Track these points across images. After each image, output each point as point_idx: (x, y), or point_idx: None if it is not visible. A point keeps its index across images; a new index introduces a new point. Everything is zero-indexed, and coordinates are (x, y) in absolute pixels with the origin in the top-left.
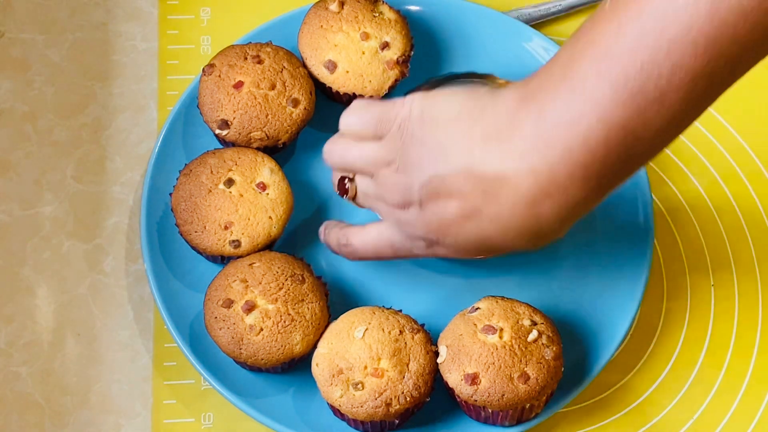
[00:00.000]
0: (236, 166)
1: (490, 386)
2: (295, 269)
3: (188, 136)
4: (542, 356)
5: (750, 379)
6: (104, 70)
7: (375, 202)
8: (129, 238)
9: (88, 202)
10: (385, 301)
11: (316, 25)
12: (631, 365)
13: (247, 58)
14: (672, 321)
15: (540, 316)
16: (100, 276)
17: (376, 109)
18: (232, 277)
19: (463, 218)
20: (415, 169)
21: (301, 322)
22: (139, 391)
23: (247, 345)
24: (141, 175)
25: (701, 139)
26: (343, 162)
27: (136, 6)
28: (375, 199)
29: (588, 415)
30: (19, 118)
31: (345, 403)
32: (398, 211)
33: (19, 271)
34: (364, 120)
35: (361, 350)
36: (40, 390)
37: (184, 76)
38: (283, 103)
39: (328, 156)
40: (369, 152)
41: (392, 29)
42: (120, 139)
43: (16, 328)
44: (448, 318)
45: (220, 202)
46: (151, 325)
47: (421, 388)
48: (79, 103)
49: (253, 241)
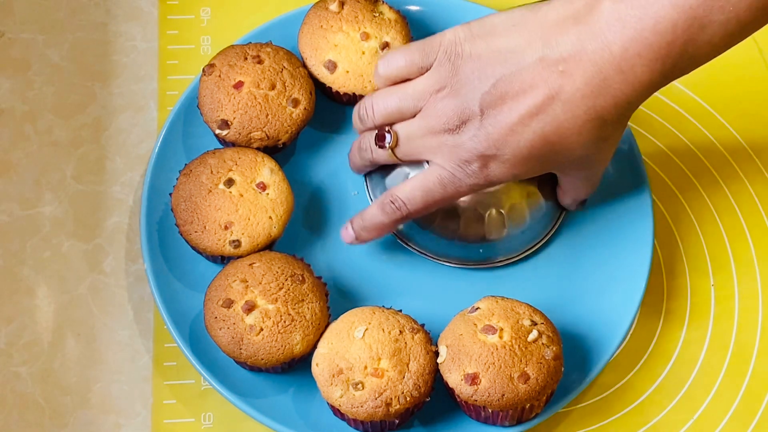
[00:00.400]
0: (236, 166)
1: (490, 386)
2: (295, 269)
3: (188, 136)
4: (542, 356)
5: (750, 379)
6: (104, 70)
7: (421, 139)
8: (129, 238)
9: (88, 202)
10: (385, 301)
11: (316, 25)
12: (631, 365)
13: (247, 58)
14: (672, 321)
15: (540, 316)
16: (100, 276)
17: (415, 46)
18: (232, 277)
19: (530, 116)
20: (473, 83)
21: (301, 322)
22: (139, 391)
23: (247, 345)
24: (141, 175)
25: (702, 138)
26: (386, 108)
27: (136, 6)
28: (422, 136)
29: (588, 415)
30: (19, 118)
31: (345, 403)
32: (450, 136)
33: (19, 271)
34: (407, 56)
35: (361, 350)
36: (40, 390)
37: (184, 76)
38: (283, 103)
39: (367, 109)
40: (415, 87)
41: (392, 29)
42: (120, 139)
43: (16, 328)
44: (448, 318)
45: (220, 202)
46: (151, 325)
47: (421, 388)
48: (79, 103)
49: (253, 241)
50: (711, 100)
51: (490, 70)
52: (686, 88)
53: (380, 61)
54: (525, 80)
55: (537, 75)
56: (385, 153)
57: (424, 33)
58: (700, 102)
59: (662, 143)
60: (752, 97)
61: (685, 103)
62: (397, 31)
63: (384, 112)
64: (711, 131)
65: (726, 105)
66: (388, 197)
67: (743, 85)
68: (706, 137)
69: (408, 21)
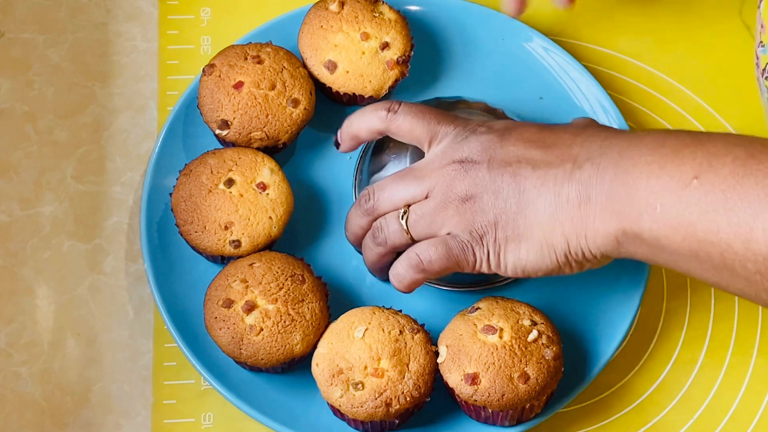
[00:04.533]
0: (236, 166)
1: (490, 386)
2: (295, 269)
3: (188, 136)
4: (542, 356)
5: (750, 379)
6: (104, 70)
7: (436, 214)
8: (129, 238)
9: (88, 202)
10: (385, 301)
11: (316, 25)
12: (631, 365)
13: (247, 58)
14: (672, 321)
15: (540, 316)
16: (100, 276)
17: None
18: (232, 277)
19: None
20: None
21: (301, 322)
22: (139, 391)
23: (247, 345)
24: (141, 175)
25: None
26: (395, 201)
27: (136, 6)
28: (437, 211)
29: (588, 415)
30: (19, 118)
31: (345, 403)
32: (464, 204)
33: (19, 271)
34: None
35: (361, 350)
36: (40, 390)
37: (184, 76)
38: (283, 103)
39: (377, 204)
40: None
41: (392, 29)
42: (120, 139)
43: (16, 328)
44: (448, 318)
45: (220, 202)
46: (151, 325)
47: (421, 388)
48: (79, 103)
49: (253, 241)
50: (711, 100)
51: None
52: (686, 88)
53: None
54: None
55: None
56: (403, 233)
57: (424, 33)
58: (700, 102)
59: None
60: (752, 97)
61: (685, 103)
62: (397, 31)
63: (393, 204)
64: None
65: (726, 105)
66: (414, 258)
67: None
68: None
69: (408, 21)
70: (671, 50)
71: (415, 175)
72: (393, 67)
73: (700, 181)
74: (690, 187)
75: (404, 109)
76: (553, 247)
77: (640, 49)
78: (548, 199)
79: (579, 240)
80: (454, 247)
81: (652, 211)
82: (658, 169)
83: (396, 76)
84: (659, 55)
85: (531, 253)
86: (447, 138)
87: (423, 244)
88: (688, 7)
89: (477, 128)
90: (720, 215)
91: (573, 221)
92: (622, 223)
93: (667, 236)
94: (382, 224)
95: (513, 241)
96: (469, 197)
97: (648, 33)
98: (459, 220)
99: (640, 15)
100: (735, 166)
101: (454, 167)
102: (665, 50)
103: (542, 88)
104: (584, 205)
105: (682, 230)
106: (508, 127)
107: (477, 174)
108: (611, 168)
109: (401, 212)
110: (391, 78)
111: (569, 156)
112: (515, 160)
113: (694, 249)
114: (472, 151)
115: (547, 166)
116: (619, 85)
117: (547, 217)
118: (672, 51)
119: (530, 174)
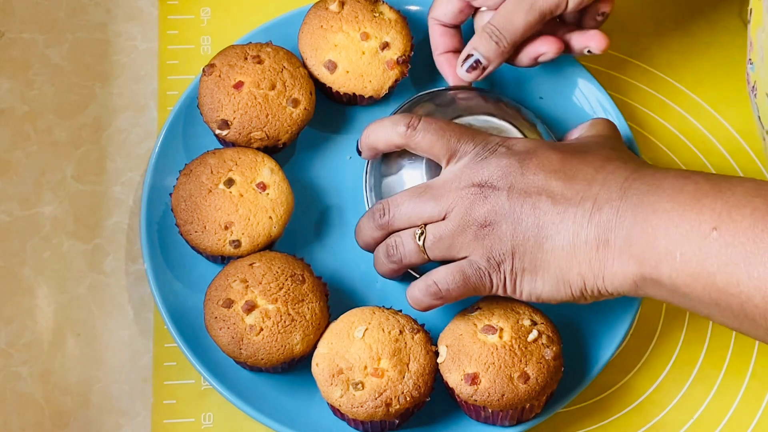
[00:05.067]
0: (236, 166)
1: (490, 386)
2: (295, 269)
3: (188, 136)
4: (542, 356)
5: (750, 379)
6: (104, 70)
7: (454, 238)
8: (129, 238)
9: (88, 202)
10: (385, 301)
11: (316, 25)
12: (631, 365)
13: (247, 58)
14: (672, 321)
15: (540, 316)
16: (100, 276)
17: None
18: (232, 277)
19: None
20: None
21: (301, 322)
22: (139, 391)
23: (247, 345)
24: (141, 175)
25: (702, 138)
26: (412, 218)
27: (136, 6)
28: (455, 234)
29: (588, 415)
30: (19, 118)
31: (345, 403)
32: (482, 229)
33: (19, 271)
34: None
35: (361, 350)
36: (40, 390)
37: (184, 76)
38: (283, 103)
39: (392, 220)
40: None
41: (392, 29)
42: (120, 139)
43: (16, 328)
44: (448, 318)
45: (220, 202)
46: (151, 325)
47: (421, 388)
48: (79, 103)
49: (253, 241)
50: (711, 100)
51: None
52: (686, 88)
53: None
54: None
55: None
56: (419, 253)
57: (424, 33)
58: (700, 102)
59: (662, 143)
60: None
61: (685, 103)
62: (397, 31)
63: (413, 220)
64: (711, 131)
65: (726, 105)
66: (432, 284)
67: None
68: (707, 137)
69: (408, 21)
70: (671, 50)
71: (432, 194)
72: (393, 67)
73: (720, 232)
74: (709, 238)
75: (424, 125)
76: (569, 283)
77: (640, 49)
78: (567, 237)
79: (596, 281)
80: (472, 275)
81: (671, 259)
82: (677, 218)
83: (396, 76)
84: (659, 55)
85: (547, 285)
86: (466, 157)
87: (441, 273)
88: (688, 7)
89: (497, 148)
90: (740, 268)
91: (590, 263)
92: (642, 268)
93: (687, 284)
94: (397, 242)
95: (529, 272)
96: (487, 223)
97: (648, 33)
98: (477, 246)
99: (640, 15)
100: (755, 218)
101: (473, 191)
102: (665, 50)
103: (542, 88)
104: (602, 247)
105: (702, 280)
106: (529, 151)
107: (497, 201)
108: (631, 213)
109: (418, 232)
110: (391, 78)
111: (589, 195)
112: (535, 191)
113: (714, 298)
114: (492, 175)
115: (567, 202)
116: (619, 85)
117: (565, 255)
118: (672, 51)
119: (550, 209)
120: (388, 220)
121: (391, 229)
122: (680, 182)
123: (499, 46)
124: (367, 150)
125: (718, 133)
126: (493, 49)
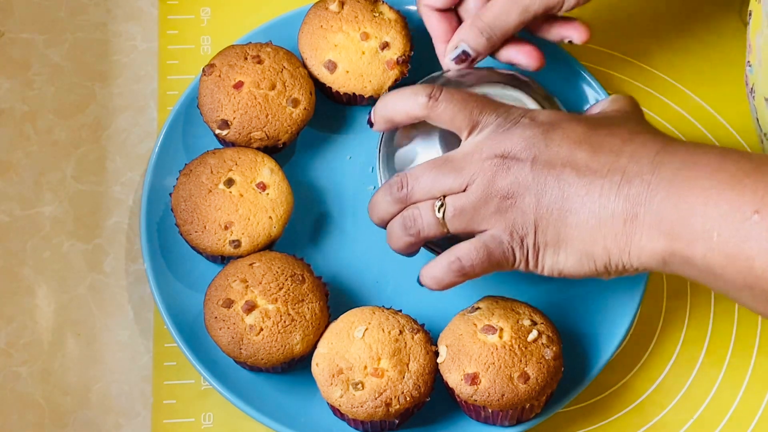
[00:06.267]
0: (236, 166)
1: (490, 386)
2: (295, 269)
3: (188, 136)
4: (542, 356)
5: (750, 379)
6: (104, 70)
7: (476, 210)
8: (129, 238)
9: (88, 202)
10: (385, 301)
11: (316, 25)
12: (631, 365)
13: (247, 58)
14: (672, 321)
15: (540, 316)
16: (100, 276)
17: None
18: (232, 277)
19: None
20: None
21: (301, 322)
22: (139, 391)
23: (247, 345)
24: (141, 175)
25: (701, 138)
26: (432, 191)
27: (136, 6)
28: (477, 206)
29: (588, 415)
30: (19, 118)
31: (345, 403)
32: (505, 201)
33: (19, 271)
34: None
35: (361, 350)
36: (40, 390)
37: (184, 76)
38: (283, 103)
39: (411, 192)
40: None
41: (392, 29)
42: (120, 139)
43: (16, 328)
44: (448, 318)
45: (220, 202)
46: (151, 325)
47: (421, 388)
48: (79, 103)
49: (253, 241)
50: (711, 100)
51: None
52: (686, 88)
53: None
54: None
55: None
56: (439, 226)
57: (424, 33)
58: (700, 102)
59: None
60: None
61: (685, 103)
62: (397, 31)
63: (433, 192)
64: (711, 131)
65: (726, 105)
66: (454, 259)
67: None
68: (706, 137)
69: (408, 21)
70: (671, 50)
71: (453, 166)
72: (393, 66)
73: (762, 215)
74: (750, 221)
75: (446, 96)
76: (593, 257)
77: (640, 49)
78: (592, 210)
79: (621, 255)
80: (496, 250)
81: (708, 238)
82: (716, 196)
83: (396, 76)
84: (659, 55)
85: (570, 259)
86: (488, 128)
87: (464, 248)
88: (688, 7)
89: (520, 119)
90: None
91: (617, 237)
92: (673, 245)
93: (722, 266)
94: (415, 214)
95: (552, 246)
96: (510, 195)
97: (647, 33)
98: (499, 219)
99: (639, 15)
100: None
101: (495, 161)
102: (665, 50)
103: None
104: (630, 222)
105: (739, 263)
106: (553, 122)
107: (520, 172)
108: (663, 188)
109: (438, 204)
110: (391, 78)
111: (617, 167)
112: (560, 163)
113: (749, 282)
114: (514, 146)
115: (593, 174)
116: (619, 85)
117: (589, 228)
118: (672, 51)
119: (575, 181)
120: (407, 193)
121: (409, 202)
122: (718, 160)
123: (489, 42)
124: (382, 122)
125: (718, 133)
126: (483, 44)
